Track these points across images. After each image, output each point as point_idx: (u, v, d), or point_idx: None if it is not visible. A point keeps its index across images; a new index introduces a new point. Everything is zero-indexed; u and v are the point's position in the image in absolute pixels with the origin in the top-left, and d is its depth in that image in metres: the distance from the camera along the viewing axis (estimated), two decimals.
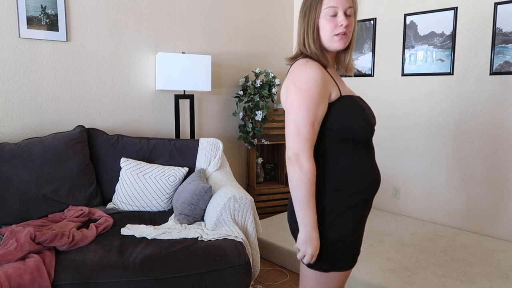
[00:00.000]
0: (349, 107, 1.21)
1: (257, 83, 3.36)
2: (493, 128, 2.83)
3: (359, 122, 1.21)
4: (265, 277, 2.59)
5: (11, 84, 2.47)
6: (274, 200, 3.62)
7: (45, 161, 2.28)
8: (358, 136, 1.22)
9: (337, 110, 1.20)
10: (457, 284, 2.16)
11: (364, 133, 1.22)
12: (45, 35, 2.54)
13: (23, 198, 2.18)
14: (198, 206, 2.21)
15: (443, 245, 2.68)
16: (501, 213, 2.83)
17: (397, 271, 2.31)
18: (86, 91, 2.77)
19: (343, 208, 1.21)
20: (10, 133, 2.49)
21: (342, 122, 1.19)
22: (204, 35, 3.34)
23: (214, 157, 2.70)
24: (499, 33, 2.74)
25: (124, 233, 2.05)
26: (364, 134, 1.22)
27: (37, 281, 1.62)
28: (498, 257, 2.51)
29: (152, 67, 3.06)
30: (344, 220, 1.22)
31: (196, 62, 2.92)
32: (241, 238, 2.03)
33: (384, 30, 3.39)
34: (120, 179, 2.48)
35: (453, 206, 3.07)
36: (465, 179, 2.99)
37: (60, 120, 2.67)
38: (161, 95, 3.13)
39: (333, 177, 1.21)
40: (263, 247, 2.80)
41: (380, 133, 3.48)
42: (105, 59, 2.83)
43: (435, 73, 3.09)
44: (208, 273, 1.85)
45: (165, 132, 3.18)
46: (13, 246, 1.71)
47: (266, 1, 3.76)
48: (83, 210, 2.24)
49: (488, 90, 2.84)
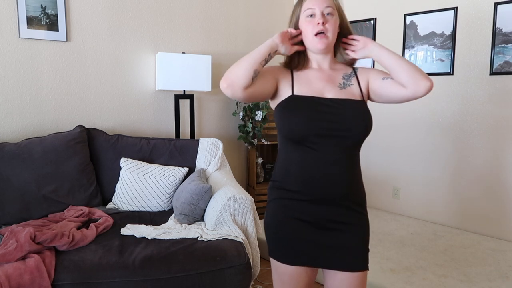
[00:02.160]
0: (288, 107, 1.26)
1: None
2: (493, 128, 2.83)
3: (292, 121, 1.24)
4: (265, 277, 2.58)
5: (11, 84, 2.47)
6: None
7: (45, 161, 2.28)
8: (287, 134, 1.26)
9: (280, 108, 1.29)
10: (457, 284, 2.16)
11: (294, 132, 1.24)
12: (45, 35, 2.54)
13: (23, 198, 2.18)
14: (198, 206, 2.21)
15: (443, 245, 2.68)
16: (501, 213, 2.83)
17: (397, 271, 2.31)
18: (86, 91, 2.77)
19: (272, 196, 1.34)
20: (10, 133, 2.49)
21: (277, 120, 1.29)
22: (204, 35, 3.34)
23: (214, 157, 2.70)
24: (499, 33, 2.74)
25: (124, 233, 2.05)
26: (293, 133, 1.24)
27: (37, 281, 1.62)
28: (498, 257, 2.51)
29: (152, 67, 3.06)
30: (271, 208, 1.34)
31: (196, 62, 2.92)
32: (241, 238, 2.03)
33: (384, 30, 3.39)
34: (120, 179, 2.48)
35: (453, 206, 3.07)
36: (465, 179, 2.99)
37: (60, 120, 2.67)
38: (161, 95, 3.13)
39: (275, 167, 1.35)
40: (263, 247, 2.80)
41: (380, 133, 3.48)
42: (105, 59, 2.83)
43: (435, 73, 3.09)
44: (208, 273, 1.85)
45: (165, 132, 3.18)
46: (13, 246, 1.71)
47: (266, 1, 3.76)
48: (83, 210, 2.24)
49: (488, 90, 2.84)
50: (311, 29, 1.26)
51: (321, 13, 1.25)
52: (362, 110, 1.27)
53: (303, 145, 1.25)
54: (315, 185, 1.25)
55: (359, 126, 1.24)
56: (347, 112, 1.24)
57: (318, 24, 1.24)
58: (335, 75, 1.33)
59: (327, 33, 1.25)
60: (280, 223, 1.30)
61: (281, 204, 1.30)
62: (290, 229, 1.29)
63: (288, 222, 1.29)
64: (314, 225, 1.27)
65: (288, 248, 1.29)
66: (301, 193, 1.27)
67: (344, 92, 1.29)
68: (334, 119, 1.23)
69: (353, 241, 1.28)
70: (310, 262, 1.29)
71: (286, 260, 1.30)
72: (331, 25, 1.26)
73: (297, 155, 1.27)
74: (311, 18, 1.26)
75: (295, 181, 1.27)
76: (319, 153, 1.24)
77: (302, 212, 1.27)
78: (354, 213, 1.28)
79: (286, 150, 1.30)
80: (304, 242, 1.28)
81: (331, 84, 1.30)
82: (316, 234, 1.27)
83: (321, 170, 1.24)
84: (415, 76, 1.22)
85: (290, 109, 1.26)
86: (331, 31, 1.27)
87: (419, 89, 1.22)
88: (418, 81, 1.22)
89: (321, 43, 1.26)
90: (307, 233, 1.28)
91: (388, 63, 1.26)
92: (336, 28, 1.29)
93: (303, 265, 1.29)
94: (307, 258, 1.28)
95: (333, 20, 1.27)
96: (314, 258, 1.28)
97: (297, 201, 1.28)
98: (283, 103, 1.28)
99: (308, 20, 1.27)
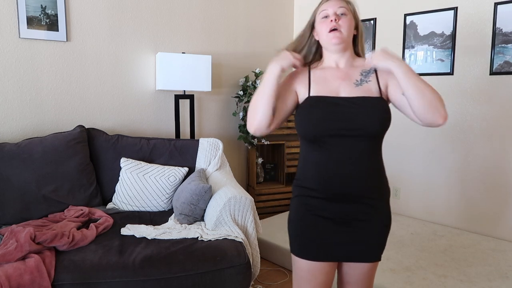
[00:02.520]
0: (304, 107, 1.32)
1: (257, 83, 3.36)
2: (493, 128, 2.83)
3: (305, 122, 1.30)
4: (265, 277, 2.59)
5: (11, 84, 2.47)
6: (274, 200, 3.62)
7: (45, 161, 2.28)
8: (303, 135, 1.33)
9: (297, 109, 1.36)
10: (457, 284, 2.16)
11: (307, 132, 1.30)
12: (45, 35, 2.54)
13: (23, 198, 2.18)
14: (198, 206, 2.21)
15: (443, 245, 2.68)
16: (501, 213, 2.83)
17: (397, 271, 2.31)
18: (86, 91, 2.77)
19: (294, 194, 1.40)
20: (10, 133, 2.49)
21: (296, 120, 1.34)
22: (204, 35, 3.34)
23: (214, 157, 2.70)
24: (499, 33, 2.74)
25: (124, 233, 2.05)
26: (307, 133, 1.30)
27: (37, 281, 1.62)
28: (498, 257, 2.51)
29: (152, 67, 3.06)
30: (293, 205, 1.40)
31: (196, 62, 2.92)
32: (241, 238, 2.03)
33: (384, 30, 3.39)
34: (120, 179, 2.48)
35: (453, 206, 3.07)
36: (465, 179, 2.99)
37: (60, 120, 2.67)
38: (161, 95, 3.13)
39: (298, 166, 1.41)
40: (263, 247, 2.80)
41: None
42: (105, 59, 2.83)
43: (435, 73, 3.09)
44: (208, 273, 1.85)
45: (165, 132, 3.18)
46: (13, 246, 1.71)
47: (266, 1, 3.76)
48: (83, 210, 2.24)
49: (488, 90, 2.84)
50: (325, 27, 1.32)
51: (334, 13, 1.32)
52: (377, 107, 1.27)
53: (317, 145, 1.30)
54: (331, 183, 1.30)
55: (372, 124, 1.25)
56: (361, 110, 1.26)
57: (331, 21, 1.30)
58: (352, 72, 1.35)
59: (340, 28, 1.31)
60: (300, 219, 1.36)
61: (301, 201, 1.36)
62: (309, 226, 1.34)
63: (307, 219, 1.35)
64: (332, 221, 1.32)
65: (306, 244, 1.35)
66: (318, 191, 1.32)
67: (360, 90, 1.30)
68: (347, 118, 1.26)
69: (370, 236, 1.33)
70: (327, 257, 1.34)
71: (303, 255, 1.35)
72: (345, 22, 1.32)
73: (313, 155, 1.32)
74: (326, 18, 1.33)
75: (313, 180, 1.33)
76: (333, 153, 1.29)
77: (320, 209, 1.32)
78: (371, 209, 1.32)
79: (304, 150, 1.36)
80: (322, 238, 1.33)
81: (347, 82, 1.32)
82: (334, 230, 1.32)
83: (336, 169, 1.29)
84: (431, 108, 1.20)
85: (305, 110, 1.31)
86: (345, 27, 1.31)
87: (433, 122, 1.22)
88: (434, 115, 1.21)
89: (335, 38, 1.30)
90: (325, 229, 1.33)
91: (403, 77, 1.23)
92: (350, 26, 1.33)
93: (321, 261, 1.34)
94: (325, 253, 1.34)
95: (347, 18, 1.33)
96: (332, 253, 1.34)
97: (315, 198, 1.33)
98: (301, 105, 1.35)
99: (322, 20, 1.33)
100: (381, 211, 1.35)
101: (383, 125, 1.27)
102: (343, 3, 1.33)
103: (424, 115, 1.21)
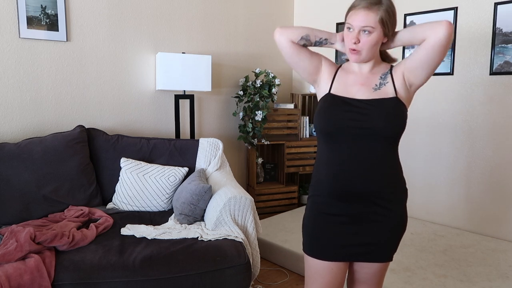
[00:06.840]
0: (323, 103, 1.37)
1: (257, 83, 3.36)
2: (493, 128, 2.83)
3: (320, 118, 1.35)
4: (265, 277, 2.59)
5: (11, 84, 2.47)
6: (274, 200, 3.62)
7: (45, 161, 2.28)
8: (318, 130, 1.37)
9: (318, 104, 1.41)
10: (457, 284, 2.16)
11: (322, 128, 1.34)
12: (45, 35, 2.54)
13: (23, 198, 2.18)
14: (198, 206, 2.21)
15: (443, 245, 2.68)
16: (501, 213, 2.83)
17: (397, 271, 2.31)
18: (86, 91, 2.77)
19: (309, 193, 1.44)
20: (10, 133, 2.49)
21: (315, 116, 1.38)
22: (204, 35, 3.34)
23: (214, 157, 2.70)
24: (499, 33, 2.74)
25: (124, 233, 2.05)
26: (322, 128, 1.34)
27: (37, 281, 1.62)
28: (498, 257, 2.51)
29: (152, 67, 3.06)
30: (307, 205, 1.44)
31: (196, 62, 2.92)
32: (241, 238, 2.03)
33: None
34: (120, 179, 2.48)
35: (453, 206, 3.07)
36: (465, 179, 2.99)
37: (60, 120, 2.67)
38: (161, 95, 3.13)
39: (314, 167, 1.45)
40: (263, 247, 2.80)
41: None
42: (105, 59, 2.83)
43: (435, 73, 3.09)
44: (208, 273, 1.85)
45: (165, 132, 3.18)
46: (13, 246, 1.71)
47: (266, 1, 3.76)
48: (83, 210, 2.24)
49: (488, 90, 2.84)
50: (348, 42, 1.33)
51: (358, 31, 1.28)
52: (391, 107, 1.29)
53: (332, 142, 1.33)
54: (343, 183, 1.32)
55: (385, 125, 1.28)
56: (374, 112, 1.29)
57: (352, 42, 1.30)
58: (372, 77, 1.36)
59: (359, 49, 1.30)
60: (312, 218, 1.40)
61: (314, 200, 1.40)
62: (321, 225, 1.37)
63: (319, 218, 1.38)
64: (343, 221, 1.34)
65: (317, 243, 1.37)
66: (330, 191, 1.35)
67: (377, 93, 1.33)
68: (360, 118, 1.29)
69: (381, 236, 1.34)
70: (338, 257, 1.36)
71: (314, 254, 1.38)
72: (365, 43, 1.29)
73: (326, 155, 1.36)
74: (350, 31, 1.31)
75: (326, 179, 1.36)
76: (346, 153, 1.31)
77: (332, 208, 1.35)
78: (382, 210, 1.33)
79: (320, 149, 1.40)
80: (334, 238, 1.35)
81: (365, 87, 1.35)
82: (345, 230, 1.34)
83: (348, 169, 1.31)
84: (430, 29, 1.25)
85: (323, 106, 1.36)
86: (365, 49, 1.30)
87: (438, 34, 1.23)
88: (435, 31, 1.24)
89: (354, 59, 1.33)
90: (336, 228, 1.35)
91: (407, 39, 1.33)
92: (373, 44, 1.29)
93: (331, 260, 1.36)
94: (335, 253, 1.35)
95: (369, 38, 1.28)
96: (342, 253, 1.35)
97: (327, 198, 1.36)
98: (320, 100, 1.40)
99: (347, 32, 1.33)
100: (395, 212, 1.35)
101: (394, 126, 1.29)
102: (370, 17, 1.25)
103: (439, 41, 1.24)
